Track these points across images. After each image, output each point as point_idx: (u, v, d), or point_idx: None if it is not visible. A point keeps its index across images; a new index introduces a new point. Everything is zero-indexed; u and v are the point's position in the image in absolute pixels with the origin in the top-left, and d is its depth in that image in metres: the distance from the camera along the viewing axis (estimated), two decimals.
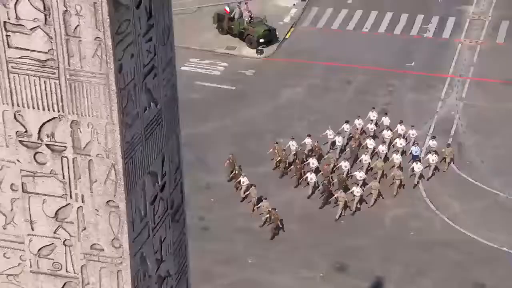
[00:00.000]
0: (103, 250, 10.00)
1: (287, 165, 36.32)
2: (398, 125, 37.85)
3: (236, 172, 35.30)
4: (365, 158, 36.04)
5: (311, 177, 34.77)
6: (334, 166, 35.94)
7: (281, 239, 33.07)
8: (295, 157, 36.32)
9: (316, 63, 46.03)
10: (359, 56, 46.62)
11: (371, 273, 31.46)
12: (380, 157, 36.40)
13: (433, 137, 37.36)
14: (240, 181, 34.72)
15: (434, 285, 31.05)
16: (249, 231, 33.44)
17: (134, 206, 9.97)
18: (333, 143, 37.69)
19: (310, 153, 36.77)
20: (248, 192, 34.22)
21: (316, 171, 35.41)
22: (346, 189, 34.37)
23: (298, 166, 35.76)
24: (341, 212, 33.84)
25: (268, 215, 32.86)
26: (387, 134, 37.70)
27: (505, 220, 34.14)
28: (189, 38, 46.94)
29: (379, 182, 35.10)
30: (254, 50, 46.63)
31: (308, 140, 36.86)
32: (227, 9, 48.32)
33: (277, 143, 36.69)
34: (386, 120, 38.37)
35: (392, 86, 44.09)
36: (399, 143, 36.84)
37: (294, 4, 52.18)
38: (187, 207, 12.13)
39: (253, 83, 44.24)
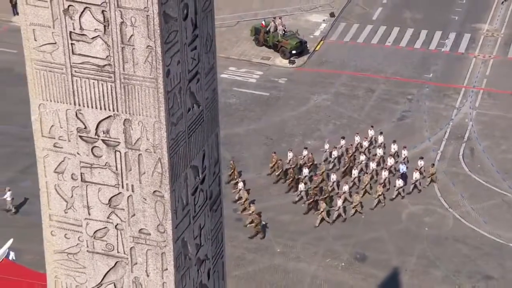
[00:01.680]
0: (149, 234, 10.12)
1: (282, 173, 35.39)
2: (392, 144, 36.58)
3: (235, 176, 35.05)
4: (354, 172, 34.98)
5: (300, 186, 33.97)
6: (324, 177, 34.86)
7: (307, 231, 32.99)
8: (290, 166, 35.32)
9: (343, 73, 45.87)
10: (382, 67, 46.41)
11: (388, 263, 31.29)
12: (368, 173, 35.16)
13: (421, 158, 35.73)
14: (237, 184, 34.34)
15: (446, 275, 30.77)
16: (278, 222, 33.44)
17: (177, 196, 10.08)
18: (329, 155, 36.38)
19: (305, 163, 35.48)
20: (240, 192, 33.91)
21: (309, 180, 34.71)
22: (330, 199, 33.46)
23: (291, 175, 34.95)
24: (321, 220, 32.82)
25: (252, 218, 32.27)
26: (379, 151, 36.38)
27: (511, 218, 33.83)
28: (228, 49, 47.13)
29: (363, 195, 34.08)
30: (287, 61, 46.59)
31: (304, 152, 35.82)
32: (264, 23, 48.42)
33: (274, 152, 35.91)
34: (380, 139, 37.02)
35: (411, 95, 43.75)
36: (390, 161, 35.64)
37: (323, 20, 52.07)
38: (223, 199, 12.19)
39: (285, 90, 44.21)
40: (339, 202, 33.06)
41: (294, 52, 46.51)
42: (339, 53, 48.04)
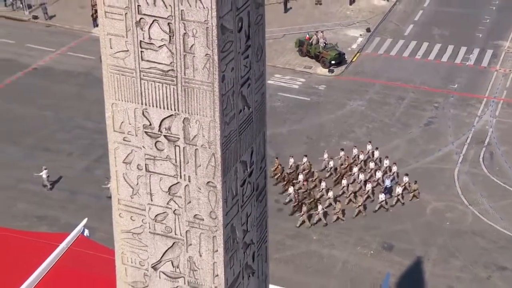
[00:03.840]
0: (203, 220, 10.13)
1: (282, 177, 34.38)
2: (384, 160, 35.24)
3: None
4: (344, 182, 33.64)
5: (290, 189, 32.99)
6: (316, 183, 33.76)
7: (341, 222, 32.71)
8: (290, 170, 34.43)
9: (376, 82, 45.33)
10: (412, 77, 45.69)
11: (412, 253, 30.81)
12: (356, 183, 33.76)
13: (406, 174, 34.14)
14: None
15: (464, 265, 30.15)
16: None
17: (228, 187, 10.06)
18: (327, 164, 35.13)
19: (303, 170, 34.44)
20: None
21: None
22: (314, 204, 32.27)
23: (286, 178, 33.93)
24: (302, 222, 31.73)
25: None
26: (371, 165, 34.94)
27: None
28: (275, 58, 47.05)
29: (348, 203, 32.79)
30: (327, 70, 46.25)
31: (304, 159, 34.79)
32: (308, 36, 48.24)
33: (277, 157, 34.92)
34: (376, 153, 35.63)
35: (437, 103, 42.96)
36: (377, 174, 34.25)
37: (360, 35, 51.54)
38: (268, 191, 12.11)
39: (324, 96, 43.92)
40: (320, 207, 31.94)
41: (333, 62, 46.16)
42: (373, 64, 47.48)
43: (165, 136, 9.75)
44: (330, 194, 32.93)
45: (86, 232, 21.21)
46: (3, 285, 18.32)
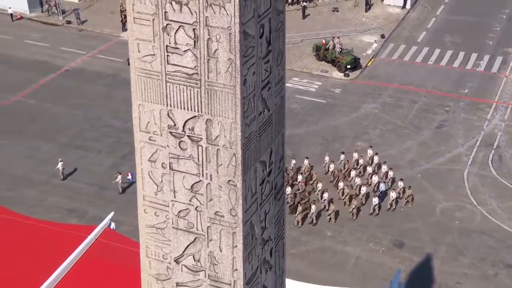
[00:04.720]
0: (223, 216, 10.05)
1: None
2: (382, 165, 34.63)
3: None
4: (340, 184, 33.12)
5: (288, 189, 32.38)
6: (314, 185, 33.32)
7: (354, 220, 32.48)
8: (292, 172, 33.93)
9: (390, 86, 44.97)
10: (424, 82, 45.25)
11: (422, 250, 30.50)
12: (351, 186, 33.33)
13: (401, 179, 33.58)
14: None
15: (472, 263, 29.78)
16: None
17: (247, 186, 9.97)
18: (328, 167, 34.68)
19: (305, 171, 34.04)
20: None
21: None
22: (309, 205, 31.81)
23: (286, 179, 33.42)
24: (299, 222, 31.45)
25: None
26: (369, 169, 34.40)
27: None
28: (293, 62, 46.89)
29: (344, 205, 32.34)
30: (342, 74, 46.00)
31: (306, 161, 34.46)
32: (324, 41, 48.00)
33: None
34: (375, 159, 35.04)
35: (448, 107, 42.50)
36: (374, 178, 33.77)
37: (375, 40, 51.17)
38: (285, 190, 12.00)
39: (340, 98, 43.69)
40: (313, 208, 31.53)
41: (348, 67, 45.89)
42: (387, 69, 47.11)
43: (188, 136, 9.70)
44: (326, 195, 32.44)
45: (113, 225, 21.32)
46: (36, 272, 18.50)
